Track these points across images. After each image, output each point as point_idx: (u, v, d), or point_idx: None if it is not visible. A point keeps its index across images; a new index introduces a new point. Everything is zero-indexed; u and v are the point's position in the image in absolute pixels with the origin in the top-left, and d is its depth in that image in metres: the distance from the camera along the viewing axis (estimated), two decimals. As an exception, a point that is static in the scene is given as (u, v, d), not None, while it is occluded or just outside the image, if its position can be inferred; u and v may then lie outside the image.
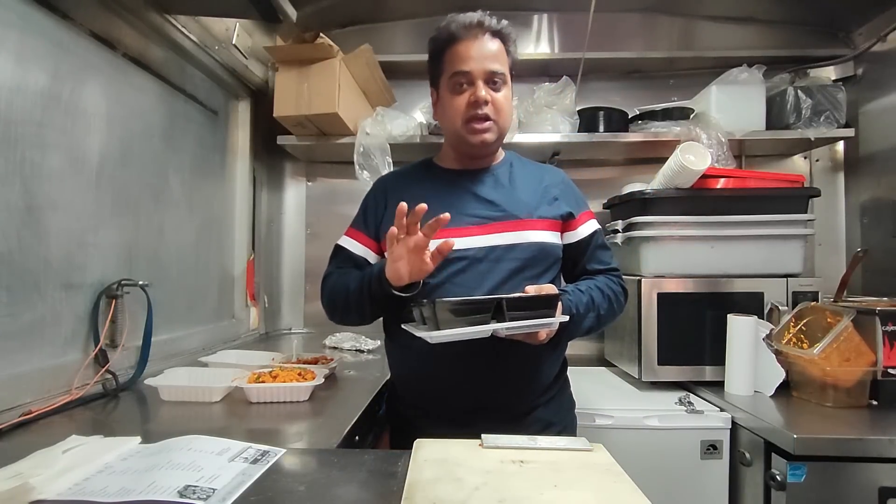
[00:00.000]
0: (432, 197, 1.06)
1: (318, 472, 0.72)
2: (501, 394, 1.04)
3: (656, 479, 1.32)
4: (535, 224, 1.06)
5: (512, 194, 1.09)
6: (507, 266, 1.03)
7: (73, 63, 1.12)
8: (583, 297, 1.04)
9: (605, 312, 1.07)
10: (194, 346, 1.57)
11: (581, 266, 1.14)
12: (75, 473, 0.65)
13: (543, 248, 1.06)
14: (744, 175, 1.62)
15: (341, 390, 1.23)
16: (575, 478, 0.64)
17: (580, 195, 1.17)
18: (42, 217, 1.04)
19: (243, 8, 1.36)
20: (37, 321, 1.02)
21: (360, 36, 1.91)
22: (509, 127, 1.11)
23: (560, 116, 1.84)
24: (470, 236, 1.04)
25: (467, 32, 1.03)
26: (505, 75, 1.05)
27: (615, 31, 2.02)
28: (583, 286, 1.08)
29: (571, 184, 1.18)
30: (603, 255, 1.15)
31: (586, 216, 1.14)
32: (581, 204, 1.15)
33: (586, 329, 1.06)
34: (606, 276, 1.13)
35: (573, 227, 1.12)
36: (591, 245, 1.13)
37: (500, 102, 1.05)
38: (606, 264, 1.14)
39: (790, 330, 1.37)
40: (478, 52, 1.03)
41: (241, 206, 1.95)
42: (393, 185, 1.18)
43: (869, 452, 1.09)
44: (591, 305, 1.04)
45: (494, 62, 1.03)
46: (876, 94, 1.86)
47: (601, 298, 1.07)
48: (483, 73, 1.03)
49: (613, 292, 1.10)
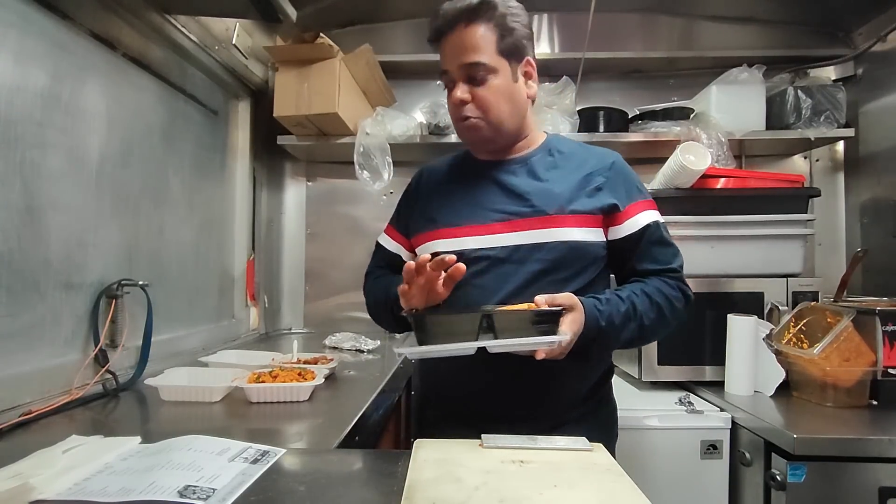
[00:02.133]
0: (459, 192, 1.02)
1: (318, 472, 0.72)
2: (525, 405, 0.96)
3: (656, 479, 1.33)
4: (566, 220, 0.94)
5: (545, 186, 0.97)
6: (532, 268, 0.94)
7: (73, 63, 1.12)
8: (621, 305, 0.91)
9: (651, 323, 0.92)
10: (194, 346, 1.57)
11: (631, 265, 0.99)
12: (75, 473, 0.65)
13: (576, 247, 0.94)
14: (744, 175, 1.62)
15: (341, 390, 1.23)
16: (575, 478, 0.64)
17: (634, 182, 1.01)
18: (42, 217, 1.04)
19: (243, 8, 1.36)
20: (37, 321, 1.02)
21: (360, 36, 1.91)
22: (512, 115, 0.98)
23: (560, 116, 1.84)
24: (492, 234, 0.96)
25: (447, 26, 0.94)
26: (487, 65, 0.93)
27: (615, 31, 2.02)
28: (625, 292, 0.94)
29: (624, 169, 1.02)
30: (660, 252, 0.98)
31: (638, 207, 0.98)
32: (633, 193, 0.99)
33: (626, 341, 0.93)
34: (662, 279, 0.97)
35: (619, 220, 0.97)
36: (642, 241, 0.97)
37: (483, 98, 0.94)
38: (664, 264, 0.98)
39: (790, 330, 1.37)
40: (452, 48, 0.94)
41: (241, 206, 1.95)
42: (426, 180, 1.12)
43: (869, 452, 1.09)
44: (631, 315, 0.91)
45: (471, 54, 0.92)
46: (876, 94, 1.86)
47: (647, 306, 0.92)
48: (459, 70, 0.94)
49: (667, 299, 0.94)
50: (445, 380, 1.03)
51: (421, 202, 1.09)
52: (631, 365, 1.60)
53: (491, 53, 0.94)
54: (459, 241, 0.97)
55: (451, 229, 0.99)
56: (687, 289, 0.99)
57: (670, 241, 1.01)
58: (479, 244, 0.96)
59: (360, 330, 1.90)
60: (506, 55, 0.95)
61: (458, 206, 1.00)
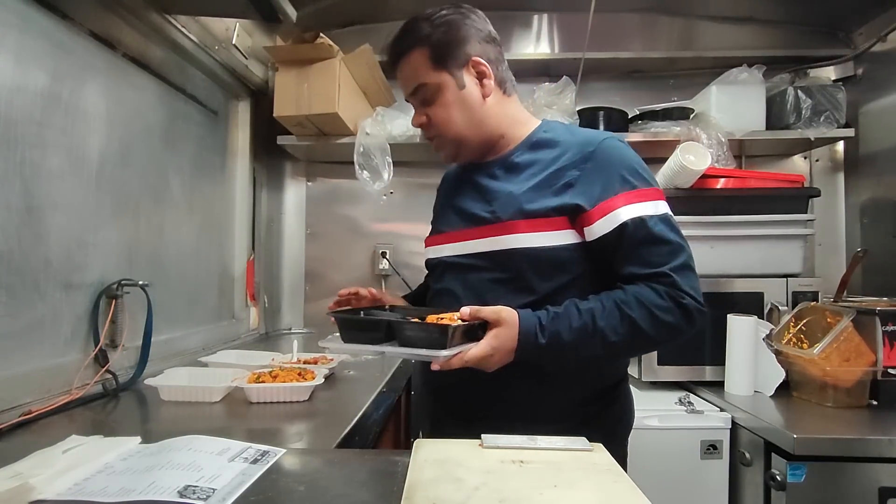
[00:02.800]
0: (450, 198, 1.05)
1: (318, 472, 0.72)
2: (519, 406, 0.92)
3: (656, 479, 1.32)
4: (520, 226, 0.88)
5: (508, 188, 0.92)
6: (491, 276, 0.91)
7: (73, 63, 1.12)
8: (575, 319, 0.81)
9: (621, 339, 0.81)
10: (194, 346, 1.56)
11: (616, 272, 0.86)
12: (75, 473, 0.65)
13: (532, 255, 0.87)
14: (744, 175, 1.63)
15: (341, 390, 1.23)
16: (575, 478, 0.64)
17: (619, 171, 0.86)
18: (42, 217, 1.04)
19: (243, 8, 1.36)
20: (37, 321, 1.02)
21: (360, 36, 1.91)
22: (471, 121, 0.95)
23: (560, 116, 1.84)
24: (462, 241, 0.96)
25: (392, 64, 0.99)
26: (428, 85, 0.94)
27: (615, 31, 2.02)
28: (587, 304, 0.83)
29: (610, 156, 0.88)
30: (649, 252, 0.83)
31: (618, 201, 0.84)
32: (612, 184, 0.85)
33: (588, 357, 0.84)
34: (647, 285, 0.82)
35: (591, 219, 0.85)
36: (623, 240, 0.83)
37: (436, 115, 0.95)
38: (653, 267, 0.82)
39: (790, 330, 1.37)
40: (400, 81, 0.99)
41: (241, 206, 1.95)
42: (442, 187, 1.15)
43: (869, 452, 1.09)
44: (589, 330, 0.81)
45: (411, 81, 0.96)
46: (876, 94, 1.86)
47: (614, 320, 0.81)
48: (410, 97, 0.98)
49: (646, 309, 0.80)
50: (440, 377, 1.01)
51: (435, 208, 1.14)
52: (631, 365, 1.60)
53: (427, 72, 0.94)
54: (439, 248, 1.01)
55: (436, 237, 1.03)
56: (683, 295, 0.81)
57: (666, 236, 0.84)
58: (453, 251, 0.97)
59: (360, 330, 1.89)
60: (443, 66, 0.93)
61: (445, 213, 1.03)
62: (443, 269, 1.00)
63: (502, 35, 1.05)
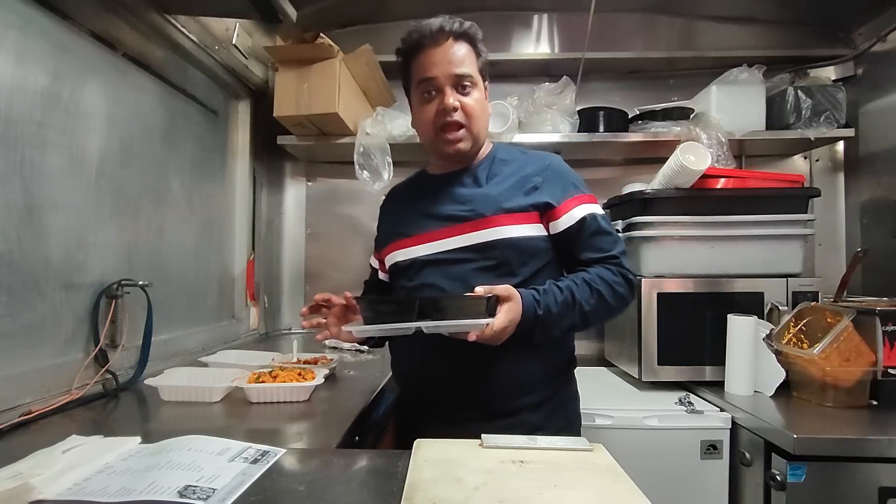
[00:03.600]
0: (415, 206, 1.12)
1: (318, 472, 0.72)
2: (479, 391, 1.03)
3: (656, 479, 1.32)
4: (501, 220, 1.01)
5: (484, 191, 1.06)
6: (477, 265, 1.02)
7: (73, 63, 1.12)
8: (559, 294, 0.97)
9: (592, 308, 0.98)
10: (194, 346, 1.57)
11: (575, 256, 1.05)
12: (75, 473, 0.65)
13: (514, 243, 1.01)
14: (744, 175, 1.62)
15: (341, 390, 1.23)
16: (575, 478, 0.64)
17: (571, 180, 1.08)
18: (42, 217, 1.04)
19: (243, 8, 1.36)
20: (37, 321, 1.02)
21: (360, 36, 1.91)
22: (485, 129, 1.10)
23: (560, 116, 1.84)
24: (440, 239, 1.05)
25: (430, 40, 1.01)
26: (474, 77, 1.03)
27: (615, 31, 2.02)
28: (564, 282, 1.00)
29: (561, 169, 1.09)
30: (601, 241, 1.04)
31: (575, 202, 1.04)
32: (568, 189, 1.05)
33: (568, 327, 0.99)
34: (603, 266, 1.03)
35: (556, 215, 1.03)
36: (582, 232, 1.03)
37: (471, 107, 1.03)
38: (604, 252, 1.03)
39: (790, 330, 1.37)
40: (441, 58, 1.01)
41: (241, 206, 1.95)
42: (392, 199, 1.24)
43: (869, 452, 1.09)
44: (569, 304, 0.97)
45: (461, 66, 1.02)
46: (876, 94, 1.86)
47: (587, 294, 0.98)
48: (449, 77, 1.01)
49: (608, 284, 1.00)
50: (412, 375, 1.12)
51: (388, 220, 1.21)
52: (631, 365, 1.60)
53: (474, 69, 1.04)
54: (413, 249, 1.07)
55: (407, 240, 1.09)
56: (628, 272, 1.04)
57: (609, 230, 1.06)
58: (429, 250, 1.05)
59: (360, 330, 1.90)
60: (481, 74, 1.07)
61: (413, 219, 1.10)
62: (418, 267, 1.07)
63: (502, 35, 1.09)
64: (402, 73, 1.11)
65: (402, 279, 1.12)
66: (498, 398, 1.03)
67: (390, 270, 1.16)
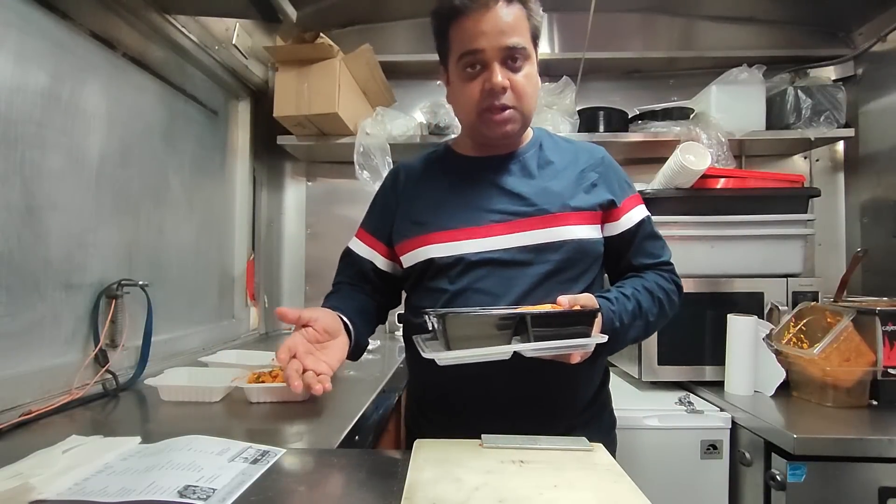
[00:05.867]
0: (451, 192, 0.95)
1: (318, 472, 0.72)
2: (533, 414, 0.91)
3: (656, 479, 1.32)
4: (569, 218, 0.90)
5: (542, 184, 0.93)
6: (539, 269, 0.89)
7: (73, 63, 1.12)
8: (628, 303, 0.88)
9: (654, 318, 0.91)
10: (194, 346, 1.56)
11: (626, 261, 0.97)
12: (75, 473, 0.65)
13: (581, 246, 0.91)
14: (744, 175, 1.62)
15: (341, 390, 1.23)
16: (575, 478, 0.64)
17: (624, 176, 0.99)
18: (42, 217, 1.04)
19: (243, 8, 1.36)
20: (37, 321, 1.02)
21: (360, 36, 1.91)
22: (535, 107, 0.95)
23: (560, 116, 1.84)
24: (494, 236, 0.90)
25: (478, 2, 0.84)
26: (526, 49, 0.86)
27: (615, 31, 2.02)
28: (628, 289, 0.90)
29: (614, 164, 1.00)
30: (653, 246, 0.97)
31: (632, 202, 0.96)
32: (625, 188, 0.97)
33: (632, 339, 0.91)
34: (657, 273, 0.96)
35: (616, 216, 0.95)
36: (637, 236, 0.96)
37: (522, 85, 0.87)
38: (657, 257, 0.97)
39: (790, 330, 1.37)
40: (491, 26, 0.83)
41: (241, 206, 1.95)
42: (406, 178, 1.03)
43: (869, 452, 1.09)
44: (637, 313, 0.88)
45: (512, 35, 0.84)
46: (876, 94, 1.86)
47: (650, 303, 0.90)
48: (499, 51, 0.84)
49: (665, 293, 0.94)
50: (448, 390, 0.95)
51: (404, 204, 1.00)
52: (631, 365, 1.60)
53: (527, 38, 0.87)
54: (456, 245, 0.91)
55: (446, 233, 0.92)
56: (678, 279, 0.99)
57: (659, 234, 1.01)
58: (479, 247, 0.90)
59: (360, 330, 1.90)
60: (534, 42, 0.90)
61: (448, 208, 0.94)
62: (465, 268, 0.90)
63: None
64: (437, 40, 0.93)
65: (438, 280, 0.93)
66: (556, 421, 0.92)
67: (415, 267, 0.96)
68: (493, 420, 0.83)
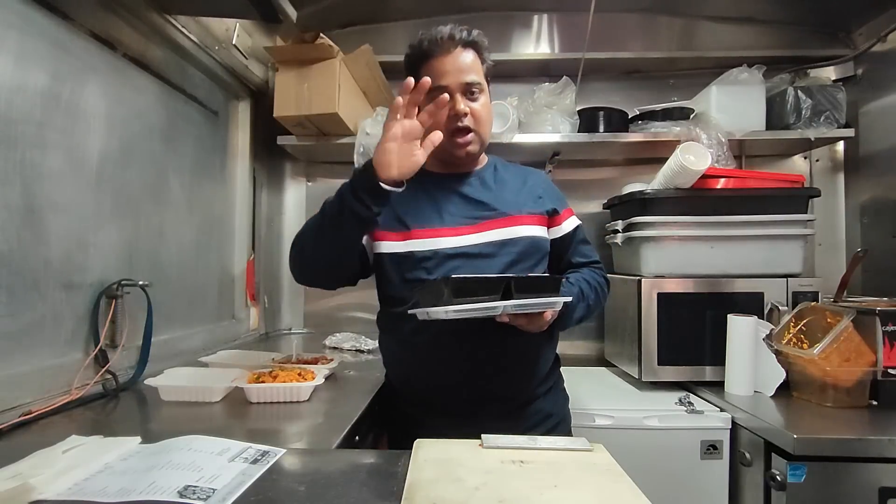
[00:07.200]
0: (423, 200, 1.12)
1: (318, 472, 0.72)
2: (502, 384, 1.08)
3: (656, 479, 1.32)
4: (524, 219, 1.11)
5: (499, 194, 1.14)
6: (502, 260, 1.07)
7: (73, 63, 1.12)
8: (573, 288, 1.09)
9: (593, 303, 1.13)
10: (194, 346, 1.56)
11: (566, 260, 1.20)
12: (75, 473, 0.65)
13: (535, 241, 1.11)
14: (744, 175, 1.62)
15: (341, 390, 1.23)
16: (575, 478, 0.64)
17: (561, 195, 1.24)
18: (42, 217, 1.04)
19: (243, 8, 1.36)
20: (37, 321, 1.02)
21: (360, 36, 1.91)
22: (490, 133, 1.16)
23: (560, 116, 1.84)
24: (462, 235, 1.08)
25: (440, 48, 1.06)
26: (481, 84, 1.09)
27: (615, 31, 2.02)
28: (571, 278, 1.12)
29: (552, 184, 1.26)
30: (586, 248, 1.22)
31: (568, 213, 1.21)
32: (563, 202, 1.22)
33: (578, 319, 1.10)
34: (591, 269, 1.19)
35: (558, 222, 1.18)
36: (574, 240, 1.19)
37: (479, 112, 1.08)
38: (589, 257, 1.21)
39: (790, 330, 1.38)
40: (452, 66, 1.06)
41: (241, 206, 1.95)
42: None
43: (869, 452, 1.09)
44: (580, 296, 1.09)
45: (470, 73, 1.07)
46: (876, 94, 1.86)
47: (589, 289, 1.12)
48: (459, 86, 1.06)
49: (599, 284, 1.16)
50: (416, 372, 1.13)
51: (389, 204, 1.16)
52: (631, 365, 1.60)
53: (481, 75, 1.10)
54: (433, 241, 1.08)
55: (424, 230, 1.09)
56: (605, 274, 1.21)
57: (588, 238, 1.25)
58: (451, 244, 1.07)
59: (360, 330, 1.90)
60: (486, 79, 1.12)
61: (425, 212, 1.11)
62: (440, 260, 1.07)
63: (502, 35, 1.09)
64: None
65: (417, 271, 1.08)
66: (521, 388, 1.11)
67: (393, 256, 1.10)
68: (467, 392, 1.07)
